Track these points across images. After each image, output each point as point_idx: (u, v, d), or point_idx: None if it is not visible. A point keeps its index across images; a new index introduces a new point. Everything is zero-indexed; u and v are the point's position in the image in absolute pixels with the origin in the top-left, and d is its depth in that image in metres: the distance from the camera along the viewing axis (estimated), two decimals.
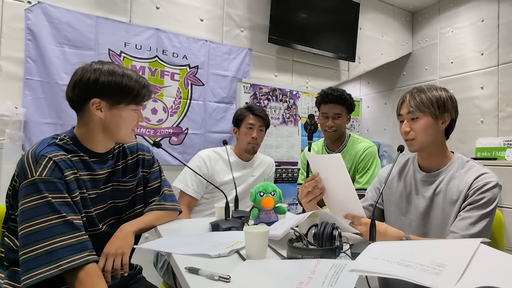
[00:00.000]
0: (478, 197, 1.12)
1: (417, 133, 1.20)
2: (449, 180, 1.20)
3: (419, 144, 1.21)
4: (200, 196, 1.82)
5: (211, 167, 1.83)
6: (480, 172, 1.16)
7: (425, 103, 1.18)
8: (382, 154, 4.20)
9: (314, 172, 1.27)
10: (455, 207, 1.16)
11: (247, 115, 1.89)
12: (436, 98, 1.18)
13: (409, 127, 1.21)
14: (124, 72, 1.08)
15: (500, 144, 2.96)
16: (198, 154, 1.89)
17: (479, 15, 3.27)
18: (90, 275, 0.92)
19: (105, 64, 1.07)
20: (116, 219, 1.21)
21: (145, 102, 1.15)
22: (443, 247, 0.84)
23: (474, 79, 3.28)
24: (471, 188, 1.14)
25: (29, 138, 2.03)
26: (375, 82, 4.44)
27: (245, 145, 1.87)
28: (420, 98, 1.19)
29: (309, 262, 0.84)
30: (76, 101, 1.08)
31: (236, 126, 1.94)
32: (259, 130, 1.89)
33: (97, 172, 1.11)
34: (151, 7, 2.46)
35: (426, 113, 1.19)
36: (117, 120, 1.09)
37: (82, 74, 1.05)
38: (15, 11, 2.02)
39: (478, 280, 0.63)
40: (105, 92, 1.05)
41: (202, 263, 0.87)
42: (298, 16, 3.03)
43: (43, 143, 1.03)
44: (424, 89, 1.22)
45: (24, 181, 0.95)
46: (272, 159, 2.12)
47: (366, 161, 1.97)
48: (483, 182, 1.13)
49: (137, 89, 1.09)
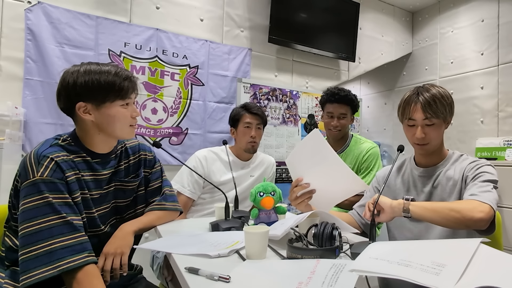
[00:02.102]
0: (477, 172, 1.17)
1: (432, 138, 1.21)
2: (445, 172, 1.25)
3: (433, 148, 1.24)
4: (197, 196, 1.81)
5: (207, 167, 1.81)
6: (473, 159, 1.24)
7: (440, 109, 1.19)
8: (382, 154, 4.20)
9: (298, 175, 1.26)
10: (454, 194, 1.20)
11: (244, 114, 1.87)
12: (447, 103, 1.21)
13: (424, 132, 1.20)
14: (102, 69, 1.04)
15: (500, 144, 2.96)
16: (195, 154, 1.86)
17: (479, 15, 3.27)
18: (88, 276, 0.92)
19: (83, 65, 1.04)
20: (117, 219, 1.21)
21: (131, 95, 1.09)
22: (443, 247, 0.84)
23: (474, 79, 3.28)
24: (466, 173, 1.20)
25: (29, 138, 2.03)
26: (375, 82, 4.44)
27: (244, 144, 1.85)
28: (436, 104, 1.18)
29: (309, 262, 0.84)
30: (64, 109, 1.07)
31: (233, 126, 1.92)
32: (257, 128, 1.87)
33: (100, 172, 1.11)
34: (151, 7, 2.46)
35: (440, 119, 1.21)
36: (108, 119, 1.06)
37: (63, 80, 1.04)
38: (15, 11, 2.02)
39: (478, 280, 0.63)
40: (86, 93, 1.02)
41: (202, 263, 0.87)
42: (298, 16, 3.03)
43: (46, 144, 1.03)
44: (436, 94, 1.20)
45: (26, 181, 0.95)
46: (273, 159, 2.10)
47: (369, 161, 1.98)
48: (478, 163, 1.21)
49: (118, 83, 1.04)
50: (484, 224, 1.04)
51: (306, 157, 1.23)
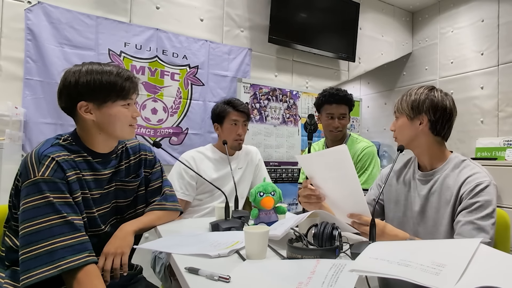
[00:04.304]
0: (472, 201, 1.10)
1: (397, 132, 1.31)
2: (443, 179, 1.21)
3: (399, 141, 1.30)
4: (191, 198, 1.79)
5: (196, 167, 1.78)
6: (472, 172, 1.15)
7: (402, 105, 1.27)
8: (382, 154, 4.20)
9: (309, 175, 1.26)
10: (448, 208, 1.16)
11: (231, 112, 1.83)
12: (412, 100, 1.24)
13: (393, 126, 1.33)
14: (104, 69, 1.05)
15: (500, 144, 2.96)
16: (182, 157, 1.82)
17: (479, 15, 3.27)
18: (89, 275, 0.92)
19: (85, 65, 1.05)
20: (117, 219, 1.21)
21: (132, 95, 1.10)
22: (443, 247, 0.84)
23: (474, 79, 3.28)
24: (462, 189, 1.13)
25: (29, 138, 2.03)
26: (375, 82, 4.44)
27: (231, 142, 1.83)
28: (402, 100, 1.28)
29: (309, 262, 0.84)
30: (65, 108, 1.08)
31: (217, 122, 1.88)
32: (243, 126, 1.86)
33: (101, 172, 1.11)
34: (151, 7, 2.46)
35: (403, 114, 1.27)
36: (109, 119, 1.07)
37: (64, 79, 1.05)
38: (15, 11, 2.02)
39: (478, 280, 0.63)
40: (88, 93, 1.03)
41: (202, 263, 0.87)
42: (298, 16, 3.03)
43: (47, 143, 1.03)
44: (411, 92, 1.27)
45: (27, 181, 0.95)
46: (255, 147, 2.07)
47: (364, 161, 1.97)
48: (475, 184, 1.11)
49: (119, 84, 1.05)
50: None
51: (324, 166, 1.19)
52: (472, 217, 1.08)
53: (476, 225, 1.07)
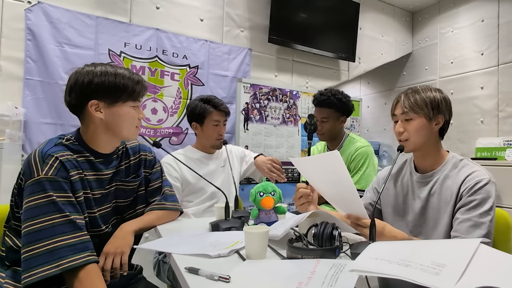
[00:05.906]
0: (470, 198, 1.09)
1: (411, 134, 1.19)
2: (443, 180, 1.19)
3: (412, 145, 1.21)
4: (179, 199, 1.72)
5: (179, 169, 1.74)
6: (471, 170, 1.14)
7: (419, 104, 1.17)
8: (382, 154, 4.20)
9: (305, 176, 1.26)
10: (448, 207, 1.16)
11: (212, 112, 1.78)
12: (430, 99, 1.17)
13: (403, 127, 1.21)
14: (117, 71, 1.09)
15: (500, 144, 2.96)
16: (162, 161, 1.71)
17: (479, 15, 3.28)
18: (90, 275, 0.92)
19: (98, 66, 1.09)
20: (118, 219, 1.22)
21: (141, 98, 1.16)
22: (443, 247, 0.84)
23: (474, 79, 3.28)
24: (462, 187, 1.13)
25: (29, 138, 2.03)
26: (375, 82, 4.44)
27: (213, 141, 1.81)
28: (415, 99, 1.18)
29: (309, 262, 0.84)
30: (74, 105, 1.09)
31: (196, 121, 1.82)
32: (224, 125, 1.85)
33: (102, 172, 1.12)
34: (151, 7, 2.46)
35: (420, 114, 1.18)
36: (117, 118, 1.10)
37: (76, 78, 1.07)
38: (15, 11, 2.02)
39: (478, 280, 0.63)
40: (101, 92, 1.06)
41: (202, 263, 0.87)
42: (298, 16, 3.03)
43: (50, 143, 1.04)
44: (418, 89, 1.21)
45: (30, 180, 0.95)
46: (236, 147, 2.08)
47: (357, 161, 1.94)
48: (474, 181, 1.11)
49: (131, 86, 1.10)
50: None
51: (319, 169, 1.19)
52: (469, 215, 1.08)
53: (473, 222, 1.07)
